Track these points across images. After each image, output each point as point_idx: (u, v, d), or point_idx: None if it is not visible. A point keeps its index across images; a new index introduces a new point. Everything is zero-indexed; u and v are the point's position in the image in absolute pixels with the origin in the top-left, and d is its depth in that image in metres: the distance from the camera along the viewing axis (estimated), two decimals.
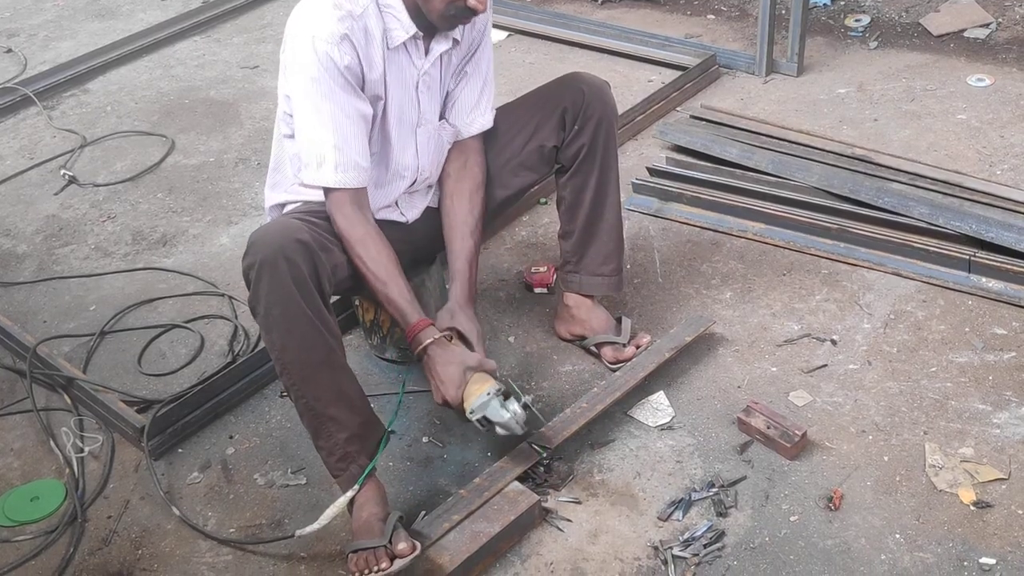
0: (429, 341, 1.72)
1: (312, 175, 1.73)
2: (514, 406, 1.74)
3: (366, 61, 1.72)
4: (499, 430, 1.76)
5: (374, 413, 1.76)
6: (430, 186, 1.99)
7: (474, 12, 1.68)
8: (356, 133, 1.72)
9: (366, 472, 1.70)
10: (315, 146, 1.71)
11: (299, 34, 1.69)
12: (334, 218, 1.75)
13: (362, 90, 1.74)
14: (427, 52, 1.80)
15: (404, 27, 1.74)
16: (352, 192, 1.74)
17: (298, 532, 1.78)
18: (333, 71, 1.67)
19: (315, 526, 1.73)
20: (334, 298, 2.25)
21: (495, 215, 2.17)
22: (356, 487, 1.70)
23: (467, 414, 1.73)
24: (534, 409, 1.80)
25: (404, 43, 1.75)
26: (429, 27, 1.77)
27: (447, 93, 1.92)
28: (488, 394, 1.71)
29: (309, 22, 1.68)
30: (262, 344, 2.27)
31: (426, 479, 1.93)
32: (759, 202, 2.56)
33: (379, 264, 1.73)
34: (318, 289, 1.65)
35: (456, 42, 1.83)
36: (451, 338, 1.78)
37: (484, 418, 1.74)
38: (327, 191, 1.74)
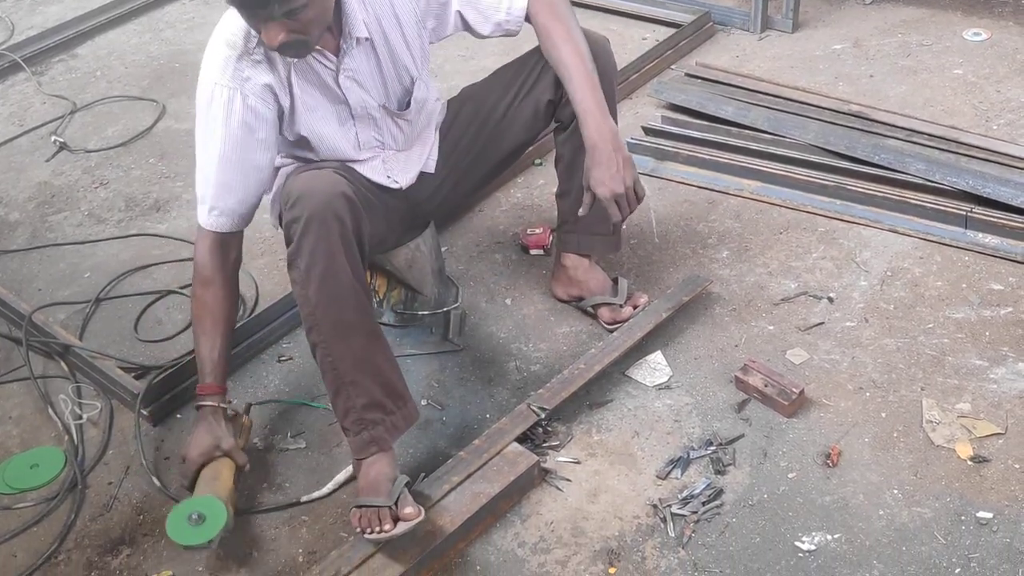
0: (207, 404, 1.77)
1: (198, 209, 1.76)
2: (209, 535, 1.62)
3: (277, 82, 1.69)
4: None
5: (405, 387, 1.74)
6: (405, 148, 1.95)
7: (287, 50, 1.60)
8: (241, 183, 1.72)
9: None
10: (200, 182, 1.73)
11: (201, 76, 1.68)
12: (196, 248, 1.79)
13: (280, 117, 1.72)
14: (338, 51, 1.74)
15: None
16: (220, 234, 1.77)
17: (304, 498, 1.77)
18: (230, 116, 1.66)
19: (321, 493, 1.73)
20: None
21: (489, 177, 2.15)
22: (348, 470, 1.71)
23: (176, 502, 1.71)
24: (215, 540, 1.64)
25: None
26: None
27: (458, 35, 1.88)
28: (191, 516, 1.64)
29: (210, 64, 1.67)
30: (260, 308, 2.28)
31: (425, 441, 1.92)
32: (755, 160, 2.53)
33: (208, 312, 1.78)
34: (361, 249, 1.64)
35: (359, 40, 1.74)
36: (234, 414, 1.82)
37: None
38: (199, 224, 1.77)
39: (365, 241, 1.67)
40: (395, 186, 1.92)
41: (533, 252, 2.40)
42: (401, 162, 1.93)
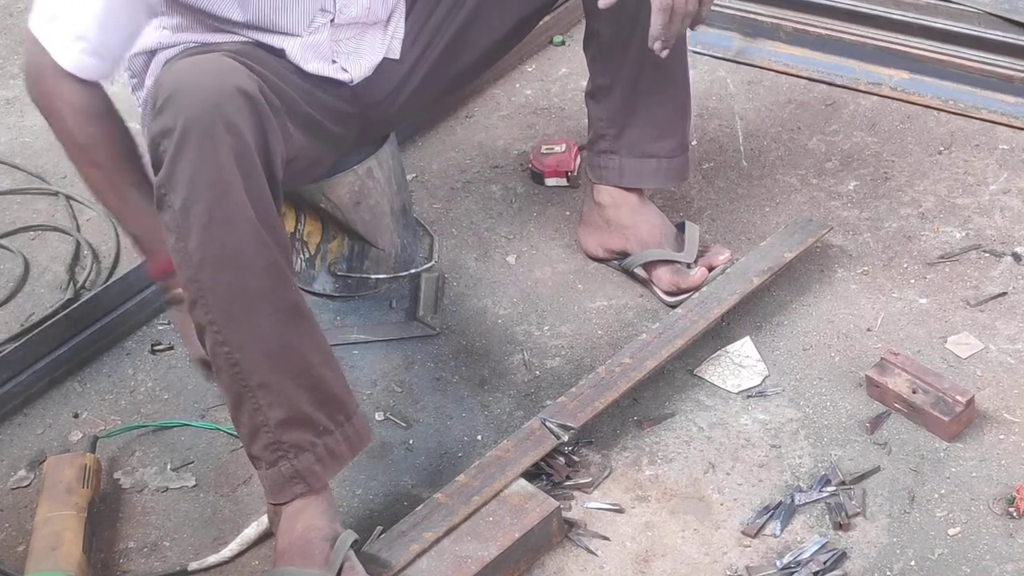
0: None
1: (42, 28, 1.70)
2: None
3: None
4: None
5: (348, 391, 1.74)
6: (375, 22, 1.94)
7: None
8: (128, 16, 1.71)
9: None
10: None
11: None
12: (47, 100, 1.73)
13: None
14: None
15: None
16: (85, 83, 1.72)
17: (194, 564, 1.77)
18: None
19: (220, 556, 1.73)
20: None
21: (482, 65, 2.14)
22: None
23: None
24: None
25: None
26: None
27: None
28: None
29: None
30: (121, 270, 2.27)
31: (383, 477, 1.93)
32: (900, 37, 2.53)
33: (120, 174, 1.74)
34: (268, 174, 1.64)
35: None
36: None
37: None
38: (51, 63, 1.71)
39: (278, 163, 1.66)
40: (343, 78, 1.91)
41: (551, 182, 2.40)
42: (353, 40, 1.91)
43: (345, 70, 1.90)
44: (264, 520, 1.82)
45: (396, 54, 1.97)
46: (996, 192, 2.28)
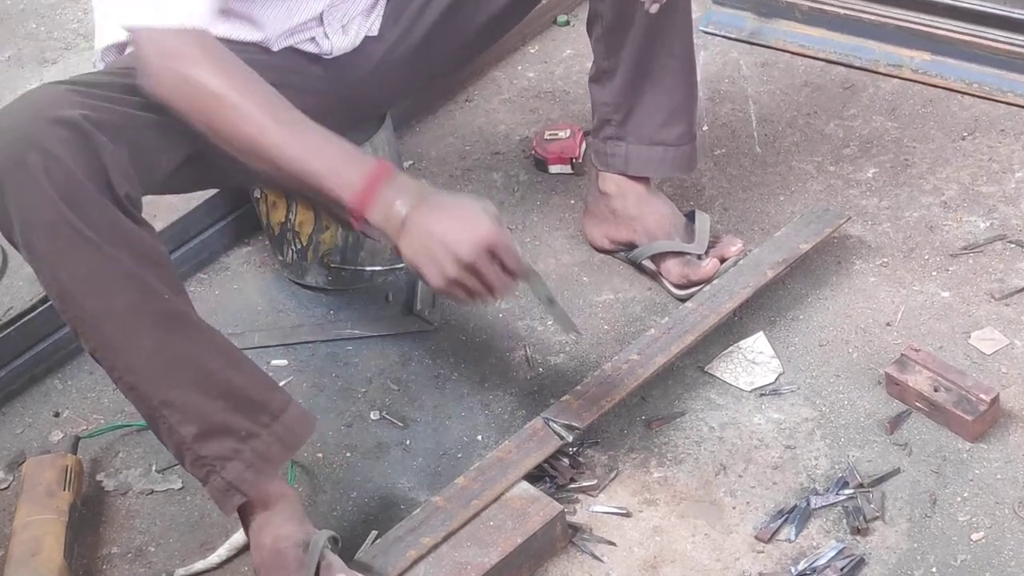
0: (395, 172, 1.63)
1: (137, 11, 1.64)
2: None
3: None
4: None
5: (267, 385, 1.72)
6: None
7: None
8: None
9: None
10: None
11: None
12: (173, 73, 1.65)
13: None
14: None
15: None
16: (199, 33, 1.65)
17: (181, 571, 1.78)
18: None
19: (208, 563, 1.74)
20: (203, 192, 2.22)
21: (478, 45, 2.14)
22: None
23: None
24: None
25: None
26: None
27: None
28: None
29: None
30: None
31: (378, 479, 1.93)
32: (922, 17, 2.52)
33: (258, 88, 1.63)
34: (107, 192, 1.61)
35: None
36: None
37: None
38: (147, 35, 1.65)
39: (119, 177, 1.62)
40: (325, 47, 1.92)
41: (555, 169, 2.40)
42: (345, 12, 1.91)
43: (327, 37, 1.91)
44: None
45: (375, 31, 1.97)
46: (1022, 179, 2.27)
